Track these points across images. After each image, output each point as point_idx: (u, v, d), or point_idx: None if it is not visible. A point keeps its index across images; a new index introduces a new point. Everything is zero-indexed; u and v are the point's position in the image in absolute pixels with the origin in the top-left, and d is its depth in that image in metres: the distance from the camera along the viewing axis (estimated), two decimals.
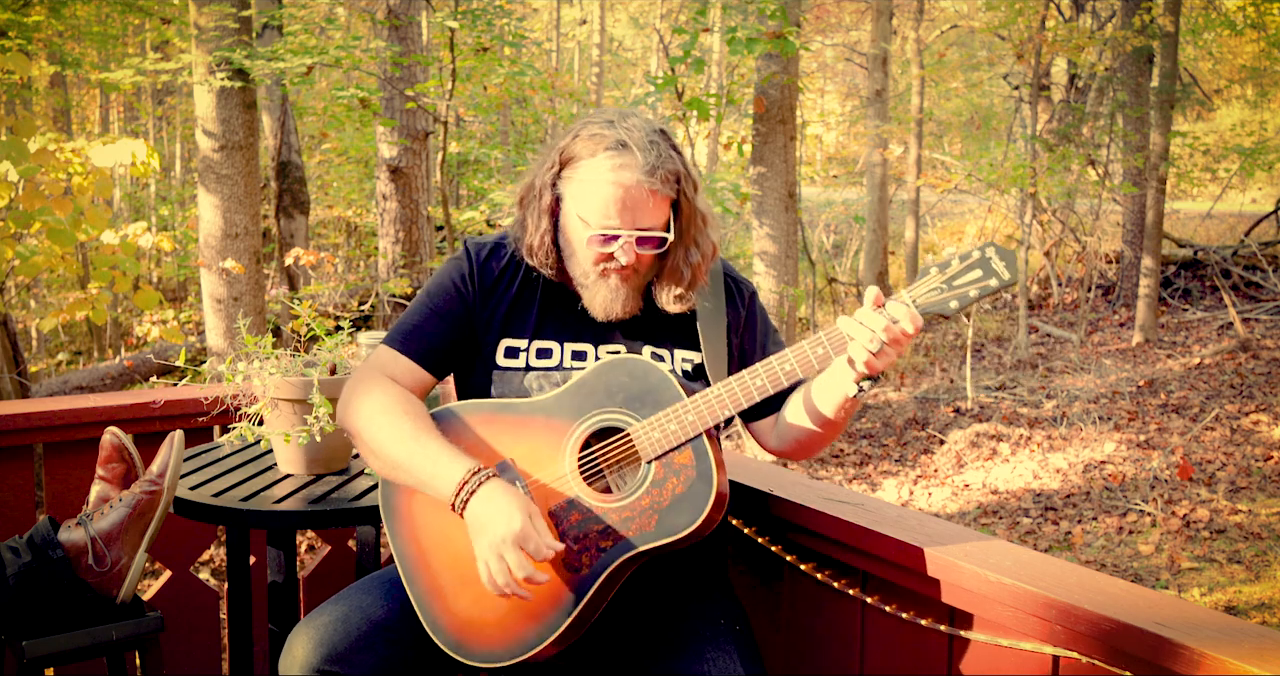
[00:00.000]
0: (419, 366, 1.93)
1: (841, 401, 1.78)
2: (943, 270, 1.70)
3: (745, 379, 1.77)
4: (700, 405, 1.76)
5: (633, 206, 1.81)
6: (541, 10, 19.80)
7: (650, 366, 1.82)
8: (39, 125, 10.13)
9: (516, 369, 1.93)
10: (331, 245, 14.35)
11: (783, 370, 1.75)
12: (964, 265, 1.69)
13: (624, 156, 1.80)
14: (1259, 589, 5.60)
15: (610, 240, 1.83)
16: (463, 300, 1.95)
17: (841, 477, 7.90)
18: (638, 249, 1.84)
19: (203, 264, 6.77)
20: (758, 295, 2.06)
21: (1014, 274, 1.67)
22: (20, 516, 2.70)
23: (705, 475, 1.74)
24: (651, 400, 1.79)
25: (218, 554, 5.57)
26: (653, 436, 1.77)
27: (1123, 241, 12.77)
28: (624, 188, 1.79)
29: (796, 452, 1.96)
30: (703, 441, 1.76)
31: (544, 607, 1.77)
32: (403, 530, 1.90)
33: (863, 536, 1.93)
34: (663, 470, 1.76)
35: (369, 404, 1.87)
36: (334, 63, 7.16)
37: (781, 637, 2.21)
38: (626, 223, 1.81)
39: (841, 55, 19.59)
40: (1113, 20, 12.36)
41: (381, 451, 1.84)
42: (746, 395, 1.76)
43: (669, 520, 1.74)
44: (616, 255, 1.83)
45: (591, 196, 1.82)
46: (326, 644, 1.81)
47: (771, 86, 8.21)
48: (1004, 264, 1.67)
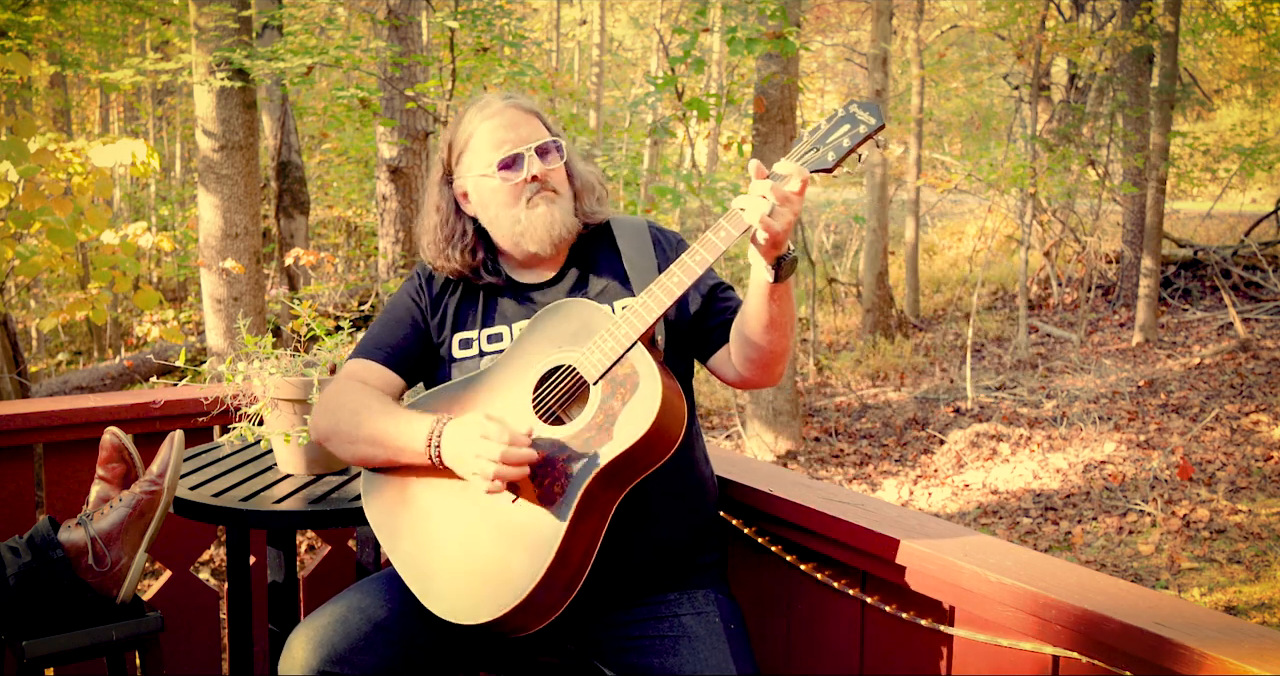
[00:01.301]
0: (386, 368, 2.03)
1: (767, 292, 1.80)
2: (813, 133, 1.78)
3: (662, 279, 1.80)
4: (629, 316, 1.81)
5: (513, 126, 1.99)
6: (541, 10, 19.79)
7: (580, 302, 1.89)
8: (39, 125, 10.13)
9: (471, 357, 2.02)
10: (331, 245, 14.36)
11: (693, 260, 1.78)
12: (831, 123, 1.77)
13: (483, 106, 2.02)
14: (1259, 589, 5.61)
15: (514, 162, 1.97)
16: (418, 307, 2.08)
17: (841, 477, 7.90)
18: (542, 162, 1.98)
19: (203, 264, 6.77)
20: (685, 241, 2.10)
21: (880, 118, 1.73)
22: (20, 516, 2.70)
23: (649, 376, 1.78)
24: (587, 331, 1.85)
25: (218, 554, 5.57)
26: (593, 358, 1.81)
27: (1123, 241, 12.78)
28: (496, 117, 1.99)
29: (757, 373, 1.95)
30: (640, 349, 1.80)
31: (532, 540, 1.77)
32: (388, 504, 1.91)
33: (863, 536, 1.93)
34: (610, 386, 1.81)
35: (335, 400, 1.97)
36: (334, 63, 7.16)
37: (781, 637, 2.21)
38: (517, 140, 1.98)
39: (841, 55, 19.59)
40: (1113, 20, 12.36)
41: (354, 434, 1.91)
42: (667, 292, 1.79)
43: (625, 427, 1.77)
44: (527, 171, 1.97)
45: (479, 149, 2.00)
46: (326, 645, 1.81)
47: (771, 86, 8.22)
48: (867, 113, 1.74)
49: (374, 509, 1.94)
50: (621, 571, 1.89)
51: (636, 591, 1.94)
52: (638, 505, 1.85)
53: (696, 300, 2.03)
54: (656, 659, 1.86)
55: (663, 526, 1.94)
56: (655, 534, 1.93)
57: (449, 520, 1.85)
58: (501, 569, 1.78)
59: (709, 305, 2.03)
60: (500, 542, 1.80)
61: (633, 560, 1.90)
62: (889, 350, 11.89)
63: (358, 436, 1.91)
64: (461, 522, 1.84)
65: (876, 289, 12.78)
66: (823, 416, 9.67)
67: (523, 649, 1.98)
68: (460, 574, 1.82)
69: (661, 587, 1.95)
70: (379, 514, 1.93)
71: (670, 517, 1.95)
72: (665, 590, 1.95)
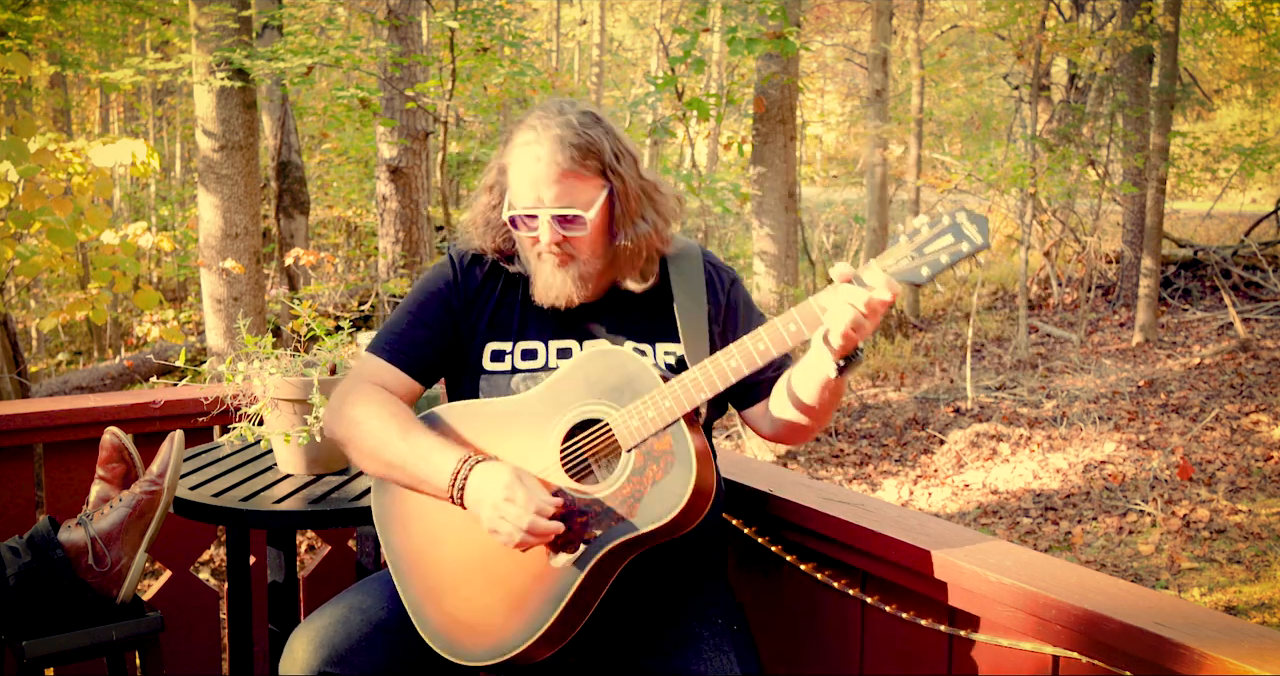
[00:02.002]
0: (406, 375, 1.94)
1: (823, 382, 1.76)
2: (912, 238, 1.64)
3: (720, 360, 1.74)
4: (676, 390, 1.74)
5: (546, 183, 1.80)
6: (541, 10, 19.79)
7: (628, 356, 1.81)
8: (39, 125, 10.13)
9: (503, 371, 1.94)
10: (331, 245, 14.35)
11: (756, 348, 1.72)
12: (934, 231, 1.63)
13: (531, 133, 1.82)
14: (1259, 589, 5.61)
15: (529, 220, 1.84)
16: (448, 307, 1.96)
17: (841, 477, 7.90)
18: (561, 230, 1.83)
19: (203, 264, 6.77)
20: (740, 282, 2.04)
21: (985, 238, 1.60)
22: (20, 516, 2.70)
23: (684, 460, 1.73)
24: (630, 389, 1.78)
25: (218, 554, 5.57)
26: (631, 424, 1.76)
27: (1123, 241, 12.77)
28: (534, 164, 1.81)
29: (790, 437, 1.94)
30: (681, 426, 1.74)
31: (532, 601, 1.77)
32: (395, 533, 1.90)
33: (863, 536, 1.93)
34: (643, 458, 1.75)
35: (357, 411, 1.88)
36: (334, 63, 7.16)
37: (781, 637, 2.21)
38: (541, 201, 1.81)
39: (841, 55, 19.59)
40: (1113, 20, 12.36)
41: (375, 454, 1.84)
42: (722, 377, 1.73)
43: (650, 507, 1.73)
44: (539, 236, 1.83)
45: (514, 181, 1.85)
46: (327, 645, 1.81)
47: (771, 86, 8.22)
48: (975, 228, 1.61)
49: (382, 517, 1.91)
50: (630, 581, 1.88)
51: (642, 593, 1.93)
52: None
53: None
54: (661, 659, 1.86)
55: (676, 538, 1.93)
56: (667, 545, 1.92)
57: (458, 550, 1.82)
58: (501, 621, 1.78)
59: None
60: (505, 591, 1.78)
61: (642, 570, 1.89)
62: (889, 350, 11.89)
63: (376, 456, 1.85)
64: (470, 558, 1.81)
65: None
66: None
67: None
68: (462, 618, 1.82)
69: (666, 588, 1.95)
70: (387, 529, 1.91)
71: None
72: (669, 590, 1.95)
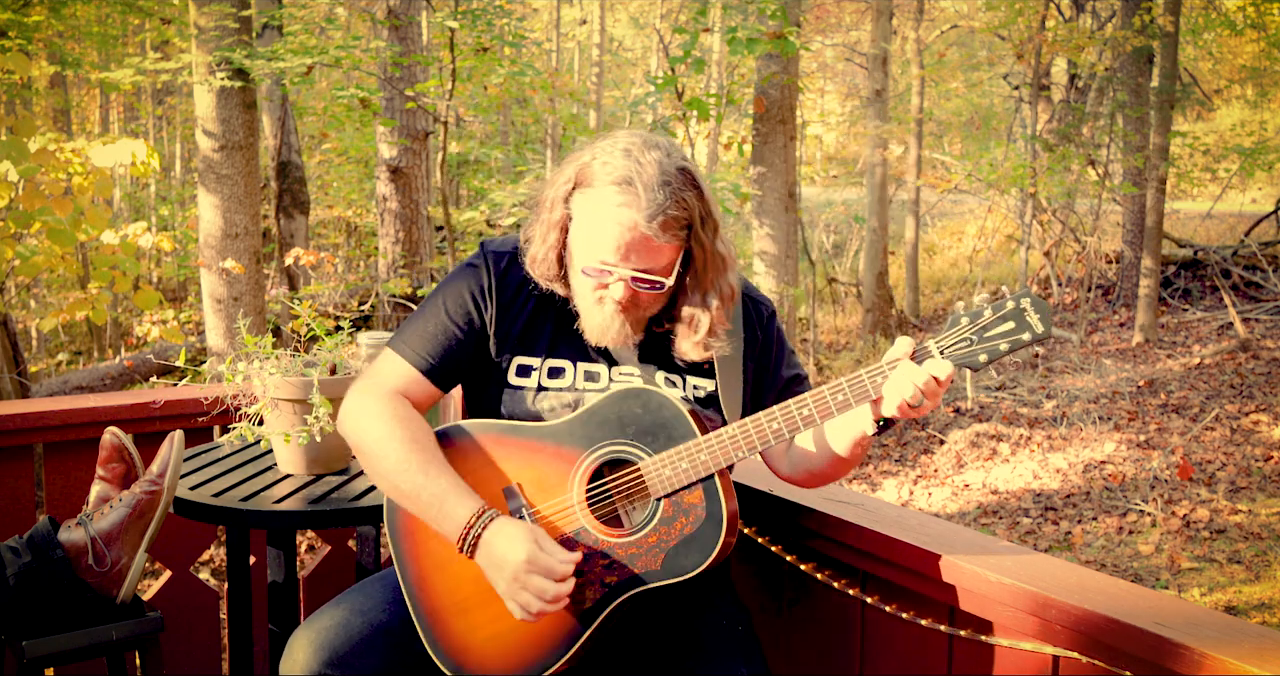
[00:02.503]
0: (427, 380, 1.89)
1: (859, 437, 1.76)
2: (974, 320, 1.62)
3: (762, 421, 1.72)
4: (714, 445, 1.72)
5: (631, 248, 1.73)
6: (541, 10, 19.79)
7: (665, 400, 1.77)
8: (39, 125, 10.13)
9: (528, 388, 1.88)
10: (331, 245, 14.35)
11: (800, 415, 1.70)
12: (996, 316, 1.60)
13: (627, 195, 1.72)
14: (1259, 589, 5.60)
15: (604, 274, 1.76)
16: (480, 313, 1.89)
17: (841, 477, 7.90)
18: (634, 287, 1.77)
19: (203, 264, 6.77)
20: (776, 316, 2.01)
21: (1048, 327, 1.58)
22: (20, 516, 2.70)
23: (715, 517, 1.71)
24: (664, 435, 1.74)
25: (218, 554, 5.57)
26: (664, 474, 1.73)
27: (1123, 241, 12.77)
28: (622, 228, 1.72)
29: (807, 482, 1.94)
30: (714, 482, 1.72)
31: (546, 639, 1.76)
32: (406, 547, 1.88)
33: (863, 536, 1.93)
34: (672, 508, 1.73)
35: (378, 426, 1.82)
36: (334, 63, 7.16)
37: (782, 638, 2.21)
38: (623, 262, 1.74)
39: (841, 55, 19.59)
40: (1113, 20, 12.36)
41: (389, 478, 1.80)
42: (762, 439, 1.72)
43: (676, 560, 1.71)
44: (611, 291, 1.78)
45: (592, 228, 1.76)
46: (328, 647, 1.80)
47: (771, 86, 8.22)
48: (1039, 317, 1.58)
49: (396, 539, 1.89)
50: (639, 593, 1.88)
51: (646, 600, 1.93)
52: None
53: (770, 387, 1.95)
54: (668, 662, 1.85)
55: None
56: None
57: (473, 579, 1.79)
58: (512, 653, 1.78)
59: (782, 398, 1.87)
60: (516, 629, 1.77)
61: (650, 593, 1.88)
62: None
63: (390, 481, 1.80)
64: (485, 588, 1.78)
65: (876, 289, 12.78)
66: None
67: None
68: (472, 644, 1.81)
69: (672, 592, 1.95)
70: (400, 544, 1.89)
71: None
72: (675, 594, 1.94)
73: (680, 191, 1.74)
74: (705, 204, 1.79)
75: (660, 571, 1.72)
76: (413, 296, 8.82)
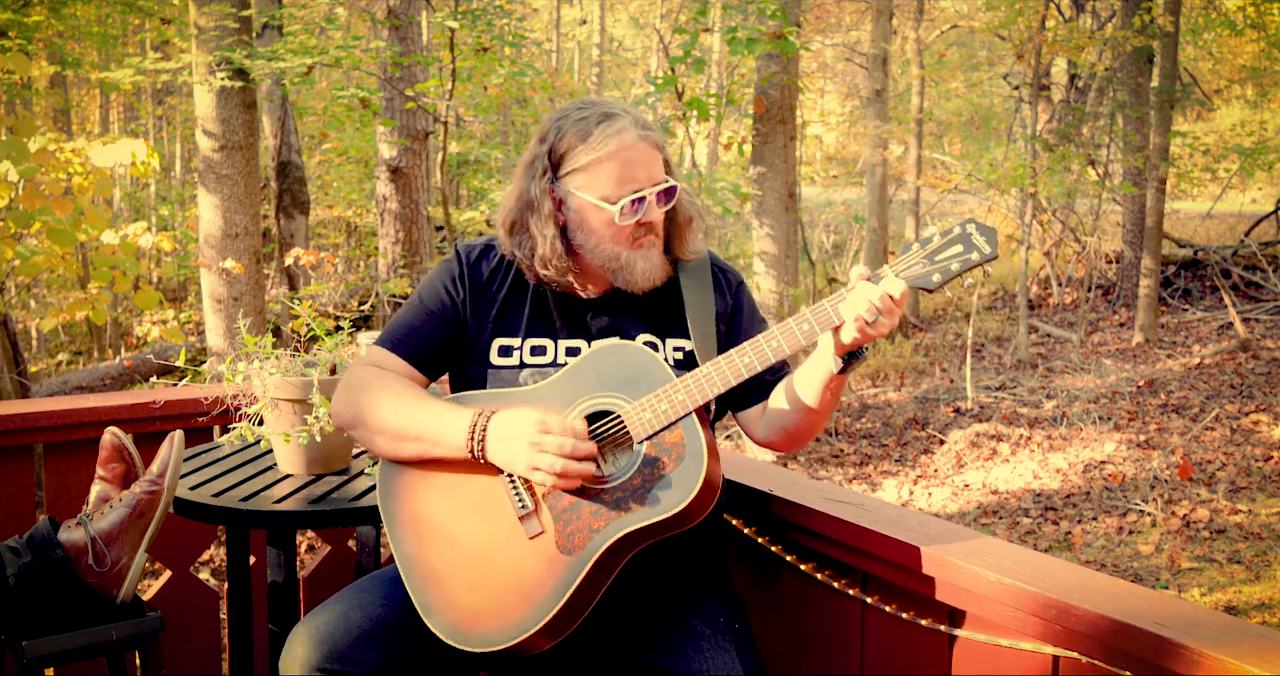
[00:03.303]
0: (411, 366, 1.96)
1: (826, 379, 1.80)
2: (924, 245, 1.73)
3: (734, 357, 1.78)
4: (690, 384, 1.78)
5: (644, 163, 1.87)
6: (541, 10, 19.79)
7: (640, 350, 1.85)
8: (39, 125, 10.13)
9: (511, 366, 1.95)
10: (331, 245, 14.35)
11: (770, 346, 1.77)
12: (945, 240, 1.72)
13: (616, 123, 1.86)
14: (1259, 589, 5.61)
15: (639, 203, 1.87)
16: (454, 301, 1.98)
17: (841, 477, 7.90)
18: (659, 207, 1.90)
19: (203, 264, 6.77)
20: (745, 285, 2.08)
21: (994, 249, 1.69)
22: (20, 516, 2.70)
23: (696, 453, 1.76)
24: (643, 382, 1.81)
25: (218, 554, 5.57)
26: (644, 417, 1.79)
27: (1123, 241, 12.77)
28: (630, 149, 1.86)
29: (785, 442, 1.96)
30: (693, 420, 1.78)
31: (539, 588, 1.77)
32: (401, 517, 1.90)
33: (863, 536, 1.93)
34: (654, 449, 1.78)
35: (366, 390, 1.90)
36: (334, 63, 7.17)
37: (781, 637, 2.21)
38: (645, 180, 1.88)
39: (841, 55, 19.59)
40: (1113, 20, 12.36)
41: (387, 426, 1.86)
42: (735, 372, 1.78)
43: (660, 498, 1.75)
44: (647, 214, 1.88)
45: (604, 174, 1.86)
46: (327, 642, 1.80)
47: (771, 86, 8.22)
48: (984, 239, 1.70)
49: (389, 509, 1.91)
50: (632, 578, 1.88)
51: (644, 591, 1.94)
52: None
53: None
54: (662, 658, 1.86)
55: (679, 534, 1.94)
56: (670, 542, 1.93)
57: (461, 539, 1.83)
58: (506, 606, 1.78)
59: None
60: (509, 578, 1.79)
61: (644, 567, 1.89)
62: (889, 350, 11.89)
63: (387, 428, 1.86)
64: (473, 546, 1.82)
65: None
66: None
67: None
68: (466, 604, 1.81)
69: (667, 586, 1.95)
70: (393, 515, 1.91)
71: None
72: (671, 589, 1.95)
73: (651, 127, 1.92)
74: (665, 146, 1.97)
75: (645, 510, 1.75)
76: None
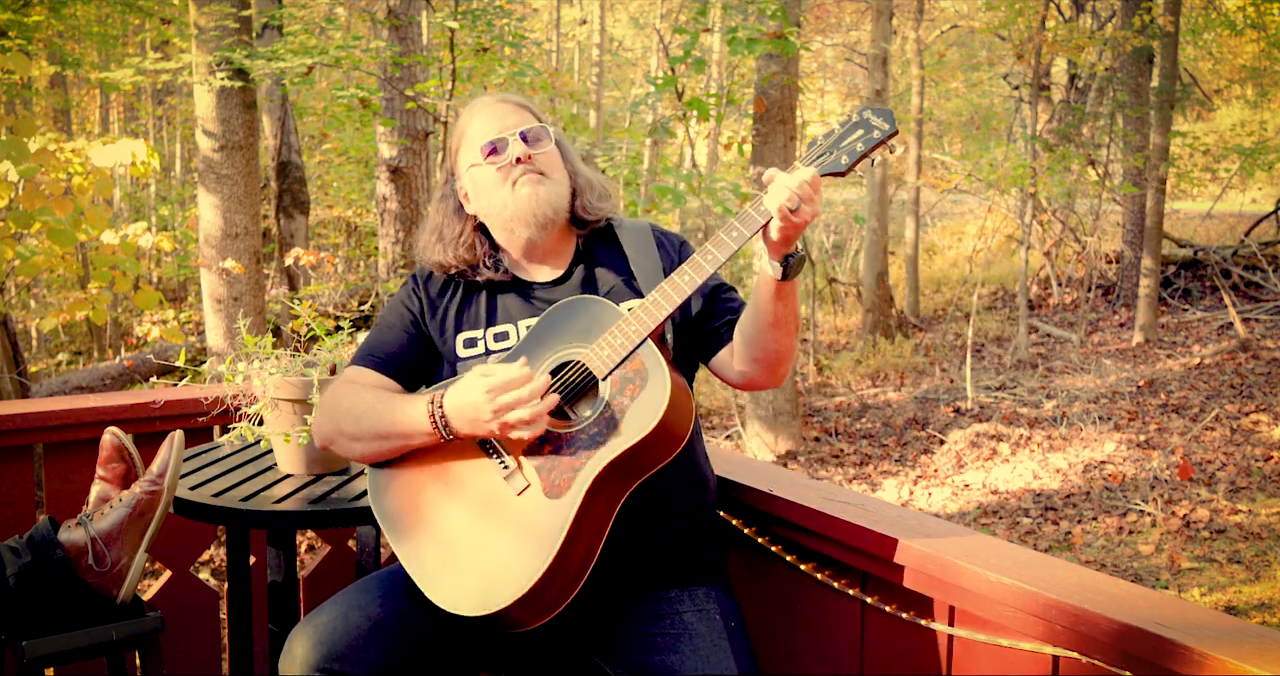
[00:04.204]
0: (384, 376, 2.04)
1: (773, 290, 1.82)
2: (827, 137, 1.81)
3: (674, 278, 1.82)
4: (639, 313, 1.82)
5: (500, 117, 2.01)
6: (541, 10, 19.79)
7: (589, 299, 1.92)
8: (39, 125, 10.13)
9: (477, 356, 2.02)
10: (331, 245, 14.36)
11: (705, 259, 1.80)
12: (844, 128, 1.80)
13: (480, 103, 2.06)
14: (1259, 589, 5.61)
15: (499, 146, 1.99)
16: (411, 312, 2.08)
17: (841, 477, 7.90)
18: (527, 146, 1.99)
19: (203, 264, 6.77)
20: (688, 244, 2.13)
21: (892, 125, 1.76)
22: (20, 516, 2.70)
23: (657, 370, 1.80)
24: (598, 326, 1.86)
25: (218, 554, 5.57)
26: (602, 355, 1.83)
27: (1123, 241, 12.78)
28: (484, 110, 2.03)
29: (762, 372, 1.96)
30: (650, 345, 1.82)
31: (536, 536, 1.78)
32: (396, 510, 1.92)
33: (863, 536, 1.93)
34: (618, 382, 1.82)
35: (336, 404, 1.98)
36: (334, 63, 7.16)
37: (781, 637, 2.21)
38: (503, 128, 2.00)
39: (841, 55, 19.59)
40: (1113, 20, 12.36)
41: (359, 432, 1.92)
42: (678, 291, 1.81)
43: (633, 421, 1.78)
44: (510, 154, 1.97)
45: (470, 143, 2.02)
46: (327, 642, 1.81)
47: (771, 86, 8.22)
48: (881, 119, 1.77)
49: (379, 503, 1.94)
50: (624, 566, 1.90)
51: (638, 587, 1.94)
52: (642, 499, 1.86)
53: (699, 301, 2.04)
54: (657, 656, 1.86)
55: (667, 520, 1.95)
56: (658, 528, 1.94)
57: (454, 512, 1.87)
58: (505, 562, 1.78)
59: (711, 305, 2.03)
60: (504, 535, 1.81)
61: (635, 555, 1.91)
62: (889, 350, 11.89)
63: (360, 434, 1.92)
64: (467, 515, 1.85)
65: (876, 289, 12.78)
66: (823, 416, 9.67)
67: (523, 648, 1.98)
68: (464, 566, 1.82)
69: (663, 584, 1.96)
70: (384, 508, 1.93)
71: (673, 512, 1.96)
72: (666, 587, 1.95)
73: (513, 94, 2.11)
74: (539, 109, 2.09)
75: (622, 436, 1.78)
76: None
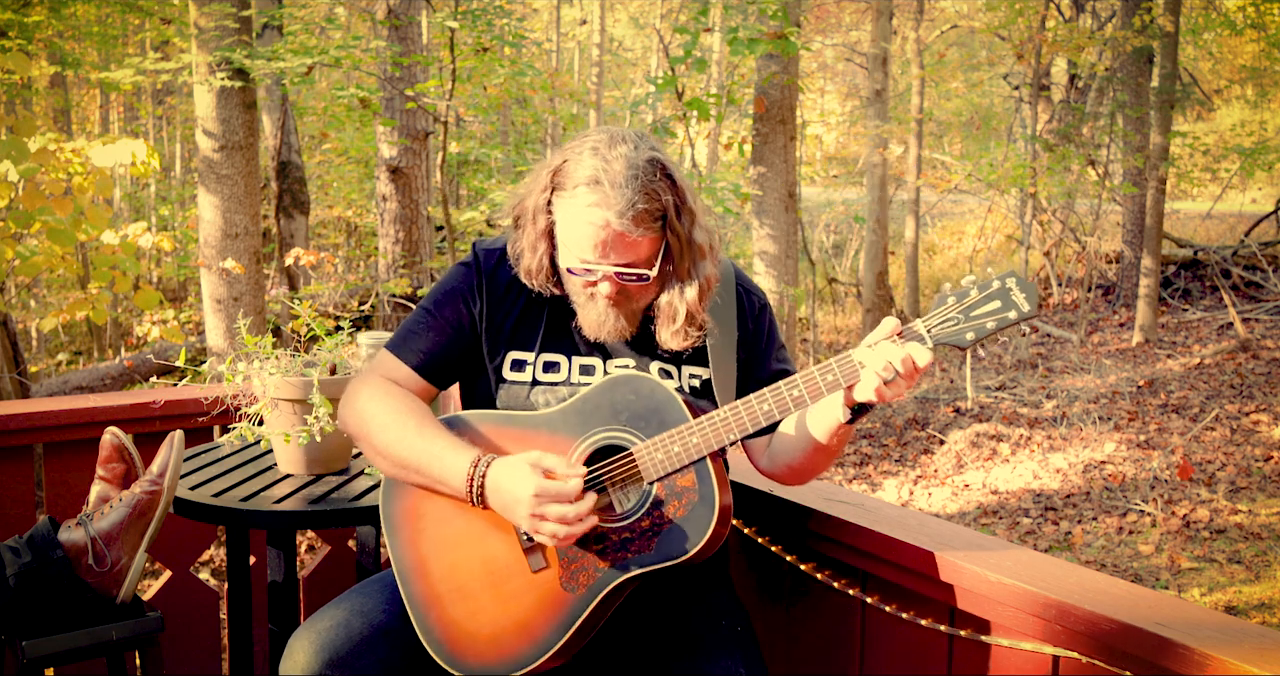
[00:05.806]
0: (421, 377, 1.92)
1: (834, 427, 1.75)
2: (960, 299, 1.65)
3: (753, 403, 1.72)
4: (705, 428, 1.72)
5: (609, 245, 1.75)
6: (541, 10, 19.79)
7: (656, 385, 1.78)
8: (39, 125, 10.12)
9: (522, 382, 1.90)
10: (331, 245, 14.35)
11: (791, 396, 1.70)
12: (982, 295, 1.63)
13: (597, 194, 1.73)
14: (1259, 589, 5.60)
15: (588, 273, 1.80)
16: (469, 311, 1.92)
17: (841, 478, 7.90)
18: (621, 281, 1.80)
19: (203, 264, 6.77)
20: (769, 308, 2.02)
21: (1034, 306, 1.61)
22: (20, 516, 2.70)
23: (708, 499, 1.71)
24: (656, 420, 1.75)
25: (218, 554, 5.57)
26: (656, 457, 1.73)
27: (1123, 241, 12.77)
28: (595, 227, 1.74)
29: (786, 477, 1.94)
30: (706, 464, 1.72)
31: (539, 625, 1.76)
32: (401, 536, 1.88)
33: (863, 536, 1.93)
34: (664, 492, 1.73)
35: (372, 406, 1.86)
36: (334, 63, 7.16)
37: (781, 637, 2.21)
38: (603, 259, 1.77)
39: (841, 55, 19.58)
40: (1113, 20, 12.35)
41: (388, 452, 1.83)
42: (753, 420, 1.72)
43: (669, 544, 1.71)
44: (599, 288, 1.81)
45: (570, 230, 1.78)
46: (328, 648, 1.80)
47: (772, 86, 8.21)
48: (1024, 296, 1.61)
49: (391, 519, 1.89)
50: (632, 593, 1.87)
51: (644, 598, 1.93)
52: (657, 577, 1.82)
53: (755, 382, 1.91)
54: (666, 661, 1.85)
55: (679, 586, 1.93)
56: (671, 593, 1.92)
57: (469, 561, 1.81)
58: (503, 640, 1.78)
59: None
60: (514, 610, 1.78)
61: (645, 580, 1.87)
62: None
63: (389, 454, 1.82)
64: (480, 570, 1.80)
65: (876, 289, 12.78)
66: None
67: None
68: (463, 631, 1.81)
69: (668, 591, 1.95)
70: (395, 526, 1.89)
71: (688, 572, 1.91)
72: (672, 592, 1.95)
73: (650, 183, 1.75)
74: (679, 192, 1.80)
75: (654, 554, 1.72)
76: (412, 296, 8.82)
